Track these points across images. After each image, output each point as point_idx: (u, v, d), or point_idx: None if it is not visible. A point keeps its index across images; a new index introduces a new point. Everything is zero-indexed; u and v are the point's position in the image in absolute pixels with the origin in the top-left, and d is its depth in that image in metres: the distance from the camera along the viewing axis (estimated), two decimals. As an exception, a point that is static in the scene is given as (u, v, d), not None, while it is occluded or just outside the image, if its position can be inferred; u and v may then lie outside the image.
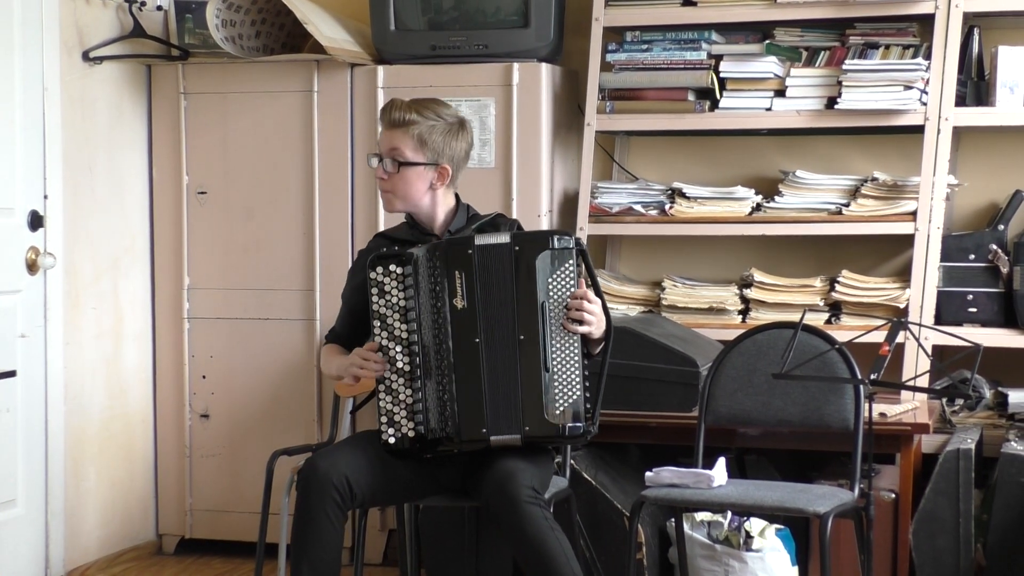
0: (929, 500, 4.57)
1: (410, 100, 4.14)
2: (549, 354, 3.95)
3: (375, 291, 3.99)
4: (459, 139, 4.12)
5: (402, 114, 4.07)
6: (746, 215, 5.30)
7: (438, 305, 3.96)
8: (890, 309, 5.11)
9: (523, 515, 3.79)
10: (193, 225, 5.71)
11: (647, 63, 5.37)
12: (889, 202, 5.15)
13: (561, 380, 3.95)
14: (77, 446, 5.42)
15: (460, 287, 3.96)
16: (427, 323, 3.97)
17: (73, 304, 5.39)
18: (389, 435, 3.98)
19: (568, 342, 3.96)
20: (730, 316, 5.31)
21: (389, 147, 4.10)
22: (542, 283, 3.95)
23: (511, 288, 3.96)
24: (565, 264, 3.97)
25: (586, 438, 4.01)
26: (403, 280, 3.98)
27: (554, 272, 3.96)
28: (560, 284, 3.96)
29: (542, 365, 3.93)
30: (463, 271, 3.96)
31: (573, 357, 3.97)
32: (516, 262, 3.95)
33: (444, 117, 4.10)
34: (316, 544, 3.87)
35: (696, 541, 4.59)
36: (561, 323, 3.95)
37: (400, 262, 3.99)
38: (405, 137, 4.07)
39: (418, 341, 3.97)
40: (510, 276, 3.96)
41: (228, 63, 5.59)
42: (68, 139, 5.34)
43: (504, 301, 3.96)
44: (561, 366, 3.95)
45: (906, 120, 5.11)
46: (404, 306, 3.98)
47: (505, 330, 3.96)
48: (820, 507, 3.98)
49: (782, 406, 4.44)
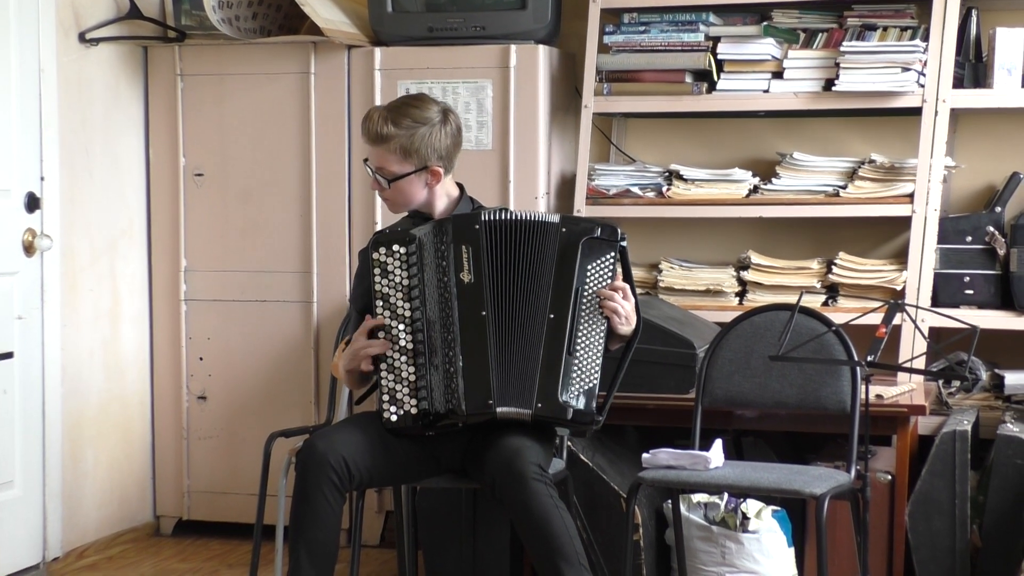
0: (925, 482, 4.58)
1: (385, 110, 4.07)
2: (575, 338, 3.96)
3: (378, 271, 3.99)
4: (443, 134, 4.07)
5: (379, 129, 4.03)
6: (743, 197, 5.30)
7: (444, 280, 3.96)
8: (887, 291, 5.12)
9: (530, 492, 3.79)
10: (190, 207, 5.71)
11: (644, 45, 5.37)
12: (886, 184, 5.15)
13: (581, 366, 3.96)
14: (75, 428, 5.43)
15: (467, 262, 3.96)
16: (432, 299, 3.97)
17: (70, 286, 5.40)
18: (391, 413, 3.97)
19: (595, 331, 3.98)
20: (727, 298, 5.32)
21: (376, 164, 4.09)
22: (580, 269, 3.97)
23: (548, 267, 3.97)
24: (606, 256, 4.00)
25: (593, 427, 4.03)
26: (406, 259, 3.98)
27: (593, 261, 3.99)
28: (597, 274, 3.99)
29: (566, 347, 3.94)
30: (470, 246, 3.96)
31: (596, 346, 3.98)
32: (561, 244, 3.97)
33: (422, 121, 4.04)
34: (314, 525, 3.87)
35: (693, 522, 4.60)
36: (593, 311, 3.96)
37: (403, 242, 3.99)
38: (387, 153, 4.05)
39: (422, 318, 3.96)
40: (550, 256, 3.97)
41: (225, 45, 5.58)
42: (64, 121, 5.33)
43: (532, 278, 3.97)
44: (584, 352, 3.97)
45: (904, 102, 5.12)
46: (408, 284, 3.98)
47: (527, 307, 3.96)
48: (816, 489, 3.98)
49: (779, 388, 4.45)
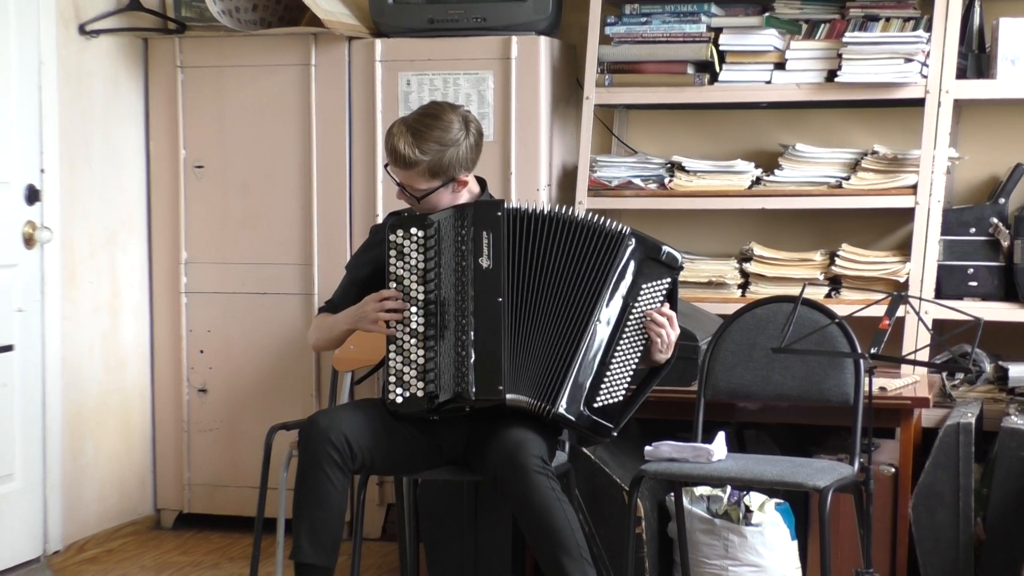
0: (929, 474, 4.56)
1: (409, 134, 4.01)
2: (614, 350, 4.00)
3: (393, 252, 3.99)
4: (467, 146, 4.05)
5: (405, 156, 4.00)
6: (746, 189, 5.29)
7: (462, 264, 3.96)
8: (890, 283, 5.11)
9: (531, 484, 3.79)
10: (190, 199, 5.70)
11: (646, 36, 5.35)
12: (889, 175, 5.14)
13: (612, 378, 4.00)
14: (75, 420, 5.42)
15: (487, 247, 3.96)
16: (448, 282, 3.96)
17: (70, 278, 5.39)
18: (397, 395, 3.96)
19: (634, 348, 4.03)
20: (730, 290, 5.31)
21: (403, 180, 4.08)
22: (634, 284, 4.02)
23: (596, 272, 3.98)
24: (662, 279, 4.05)
25: (605, 439, 4.07)
26: (424, 243, 3.98)
27: (649, 281, 4.03)
28: (649, 294, 4.04)
29: (602, 356, 3.98)
30: (491, 232, 3.96)
31: (631, 362, 4.03)
32: (623, 254, 4.00)
33: (447, 143, 4.01)
34: (315, 504, 3.86)
35: (695, 515, 4.59)
36: (637, 328, 4.01)
37: (421, 225, 3.98)
38: (415, 175, 4.04)
39: (436, 300, 3.96)
40: (602, 261, 3.98)
41: (225, 36, 5.57)
42: (64, 113, 5.32)
43: (568, 276, 3.98)
44: (619, 366, 4.01)
45: (906, 93, 5.10)
46: (423, 268, 3.97)
47: (555, 302, 3.98)
48: (820, 481, 3.98)
49: (782, 380, 4.44)
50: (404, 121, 4.06)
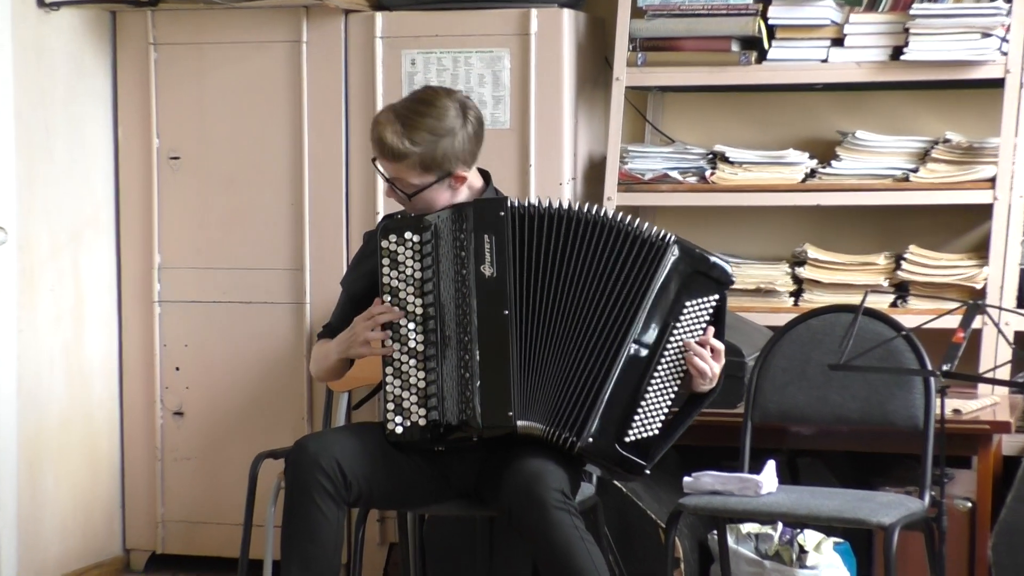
0: (1011, 509, 4.56)
1: (398, 123, 4.00)
2: (651, 378, 3.97)
3: (386, 262, 3.99)
4: (464, 138, 4.04)
5: (393, 147, 3.99)
6: (799, 182, 5.31)
7: (463, 272, 3.96)
8: (965, 290, 5.12)
9: (550, 521, 3.78)
10: (165, 194, 5.71)
11: (684, 8, 5.36)
12: (963, 167, 5.15)
13: (648, 409, 3.97)
14: (32, 446, 5.42)
15: (489, 253, 3.95)
16: (448, 293, 3.97)
17: (28, 284, 5.39)
18: (396, 424, 3.96)
19: (674, 375, 3.99)
20: (780, 298, 5.33)
21: (392, 175, 4.07)
22: (677, 302, 3.97)
23: (630, 284, 3.95)
24: (708, 297, 4.00)
25: (638, 477, 4.07)
26: (420, 249, 3.98)
27: (693, 297, 3.99)
28: (693, 313, 3.99)
29: (638, 385, 3.95)
30: (493, 235, 3.95)
31: (669, 392, 4.00)
32: (664, 267, 3.96)
33: (441, 132, 4.00)
34: (306, 538, 3.86)
35: (742, 556, 4.61)
36: (678, 353, 3.97)
37: (417, 229, 3.98)
38: (405, 168, 4.03)
39: (435, 315, 3.97)
40: (639, 272, 3.95)
41: (205, 10, 5.59)
42: (20, 95, 5.33)
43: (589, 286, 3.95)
44: (656, 395, 3.98)
45: (983, 72, 5.11)
46: (420, 278, 3.97)
47: (574, 315, 3.95)
48: (884, 518, 3.98)
49: (840, 401, 4.45)
50: (392, 108, 4.07)
